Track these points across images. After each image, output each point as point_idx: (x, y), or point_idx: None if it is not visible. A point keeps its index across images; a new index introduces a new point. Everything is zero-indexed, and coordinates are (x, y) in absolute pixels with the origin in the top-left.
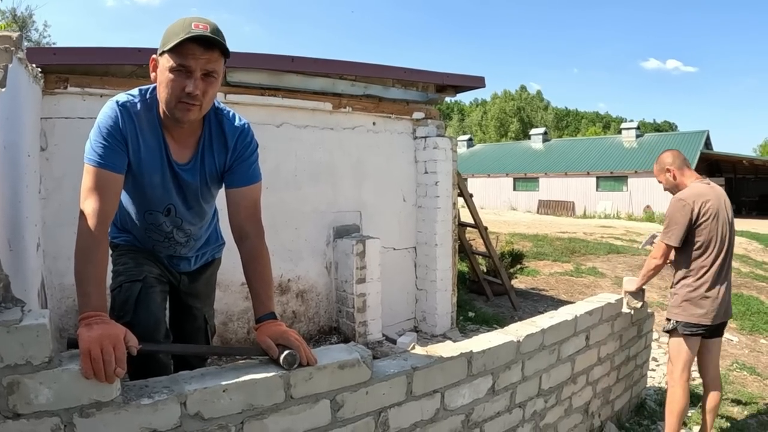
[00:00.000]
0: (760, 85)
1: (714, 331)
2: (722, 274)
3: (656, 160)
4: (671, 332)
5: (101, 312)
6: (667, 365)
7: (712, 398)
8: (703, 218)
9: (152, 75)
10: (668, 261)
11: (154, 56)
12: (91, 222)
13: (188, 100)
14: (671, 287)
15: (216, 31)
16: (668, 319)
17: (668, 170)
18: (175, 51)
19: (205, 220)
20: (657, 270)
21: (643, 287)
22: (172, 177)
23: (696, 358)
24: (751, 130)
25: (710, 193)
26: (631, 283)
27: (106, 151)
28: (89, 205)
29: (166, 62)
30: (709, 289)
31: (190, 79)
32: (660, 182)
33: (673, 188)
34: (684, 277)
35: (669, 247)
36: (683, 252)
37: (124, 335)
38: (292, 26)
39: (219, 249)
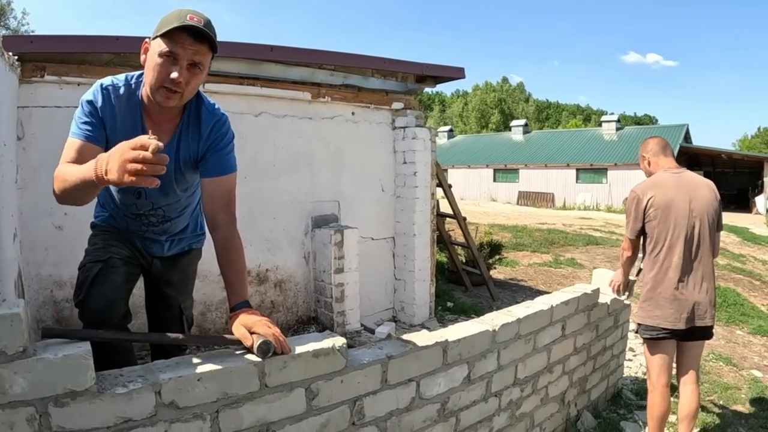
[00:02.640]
0: (741, 81)
1: (687, 335)
2: (687, 273)
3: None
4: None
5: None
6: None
7: (685, 406)
8: (650, 210)
9: (142, 57)
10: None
11: (147, 39)
12: (64, 167)
13: (171, 86)
14: None
15: (208, 25)
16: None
17: (644, 157)
18: (167, 37)
19: (182, 205)
20: (630, 261)
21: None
22: None
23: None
24: (730, 125)
25: (668, 184)
26: (602, 276)
27: (86, 125)
28: (63, 163)
29: (156, 46)
30: (668, 288)
31: (176, 66)
32: (642, 170)
33: (649, 176)
34: (643, 276)
35: (631, 240)
36: (643, 249)
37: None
38: (272, 16)
39: (198, 239)
